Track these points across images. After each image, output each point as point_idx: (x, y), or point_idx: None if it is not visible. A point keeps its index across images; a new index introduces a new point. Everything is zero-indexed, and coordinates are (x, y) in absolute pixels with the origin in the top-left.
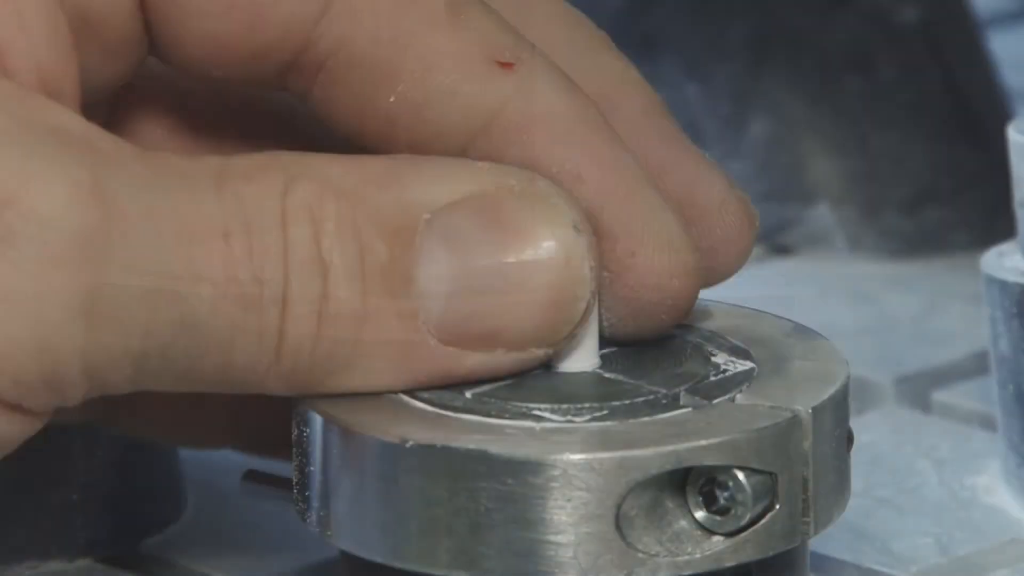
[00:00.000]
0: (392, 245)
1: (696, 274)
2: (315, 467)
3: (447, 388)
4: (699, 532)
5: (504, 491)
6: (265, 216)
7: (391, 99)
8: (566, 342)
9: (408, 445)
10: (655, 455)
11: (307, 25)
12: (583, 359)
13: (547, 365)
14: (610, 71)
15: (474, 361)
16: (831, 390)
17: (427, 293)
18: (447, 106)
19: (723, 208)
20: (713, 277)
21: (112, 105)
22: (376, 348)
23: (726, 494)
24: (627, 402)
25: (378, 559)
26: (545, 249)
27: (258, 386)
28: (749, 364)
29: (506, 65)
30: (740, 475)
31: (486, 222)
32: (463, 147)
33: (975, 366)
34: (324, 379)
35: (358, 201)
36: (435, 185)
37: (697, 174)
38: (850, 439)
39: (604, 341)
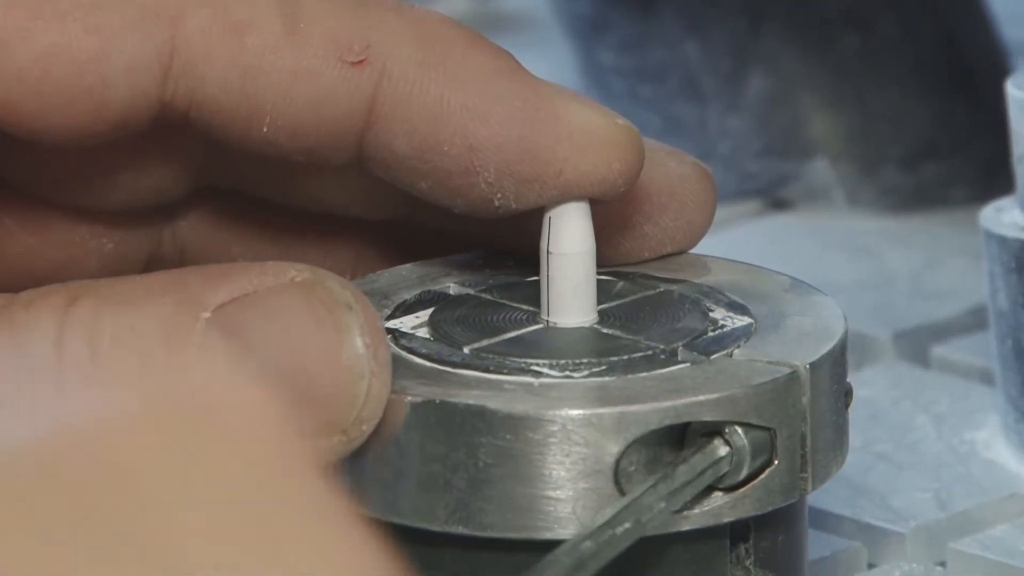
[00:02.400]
0: (169, 347)
1: (628, 142)
2: None
3: (444, 343)
4: None
5: (503, 447)
6: (37, 339)
7: (264, 131)
8: (358, 426)
9: (407, 400)
10: (653, 410)
11: (150, 87)
12: (580, 314)
13: (546, 321)
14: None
15: None
16: (829, 346)
17: None
18: (317, 120)
19: (684, 184)
20: (692, 242)
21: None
22: None
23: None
24: (625, 357)
25: (375, 515)
26: (318, 336)
27: None
28: (747, 320)
29: (357, 64)
30: (739, 430)
31: (262, 316)
32: (355, 150)
33: (974, 321)
34: None
35: (138, 310)
36: (215, 285)
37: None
38: (849, 394)
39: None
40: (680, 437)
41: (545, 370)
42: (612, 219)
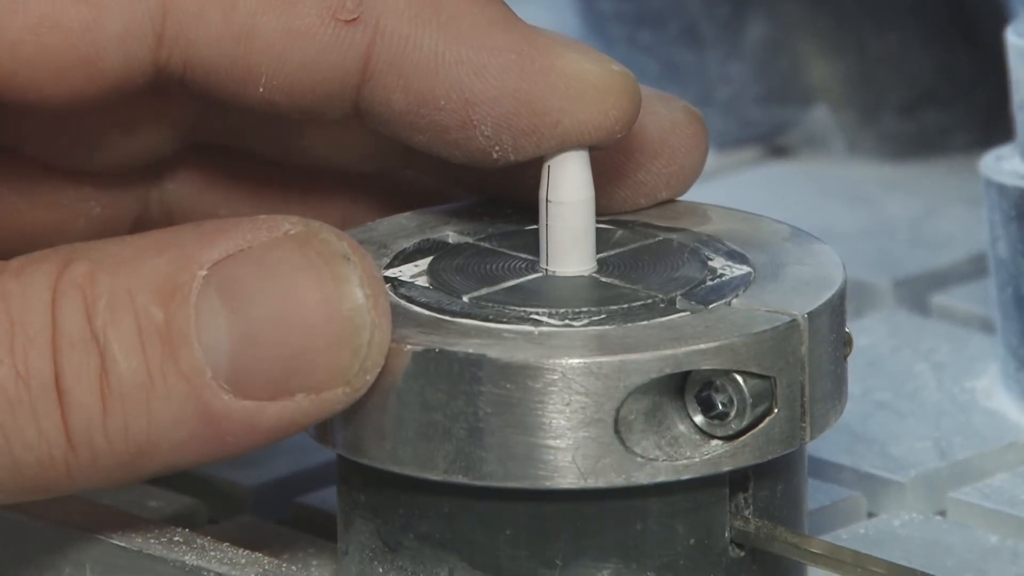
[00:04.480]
0: (167, 306)
1: (623, 89)
2: None
3: (443, 292)
4: (697, 436)
5: (502, 395)
6: (30, 307)
7: (260, 90)
8: (361, 376)
9: (406, 349)
10: (654, 359)
11: (145, 53)
12: (579, 263)
13: (545, 270)
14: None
15: (276, 411)
16: (828, 295)
17: (210, 348)
18: (313, 79)
19: (676, 130)
20: (686, 187)
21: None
22: (170, 413)
23: (724, 398)
24: (624, 306)
25: (375, 464)
26: (317, 288)
27: (68, 484)
28: (746, 268)
29: (351, 22)
30: (739, 379)
31: (259, 271)
32: (352, 106)
33: (974, 269)
34: (134, 461)
35: (133, 270)
36: (210, 242)
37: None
38: (849, 343)
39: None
40: (680, 386)
41: (545, 319)
42: (605, 168)
